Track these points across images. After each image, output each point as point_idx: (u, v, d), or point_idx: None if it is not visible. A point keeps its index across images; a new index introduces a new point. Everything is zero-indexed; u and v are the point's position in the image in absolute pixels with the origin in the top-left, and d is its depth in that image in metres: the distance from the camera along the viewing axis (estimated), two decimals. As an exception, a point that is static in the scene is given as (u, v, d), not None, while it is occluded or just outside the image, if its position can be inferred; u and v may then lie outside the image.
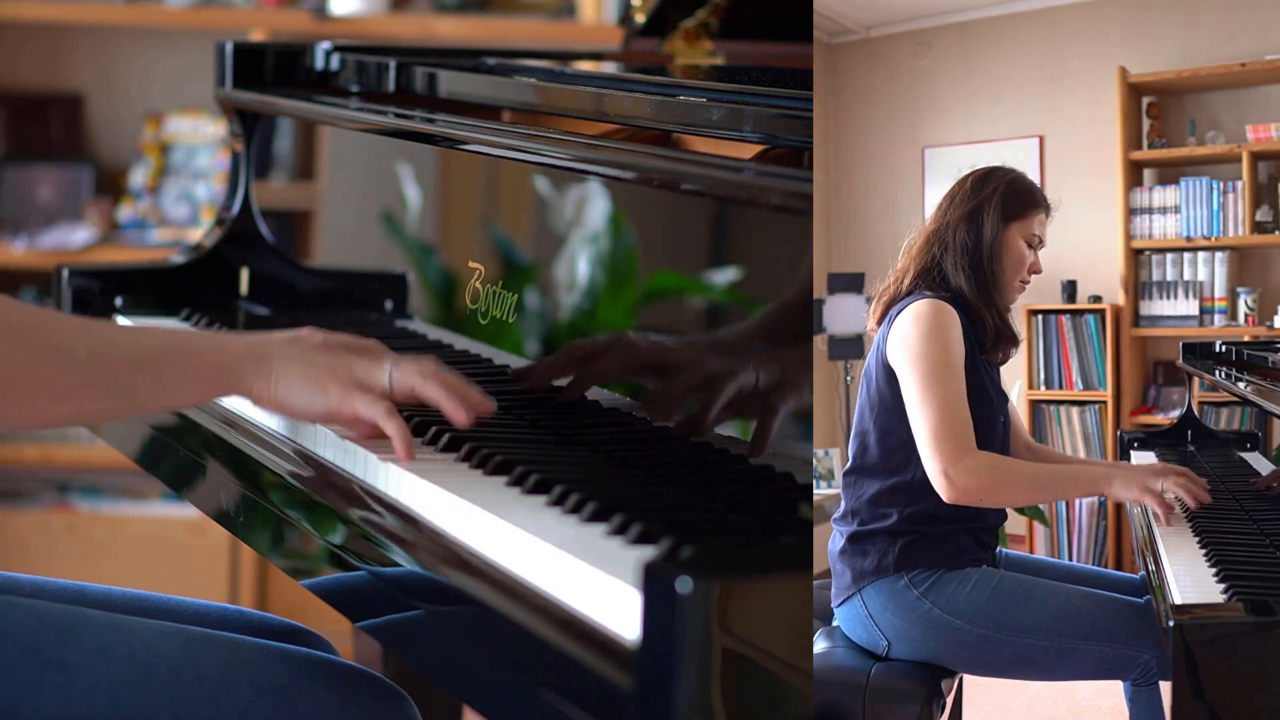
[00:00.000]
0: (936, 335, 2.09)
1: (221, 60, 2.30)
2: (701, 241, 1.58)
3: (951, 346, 2.09)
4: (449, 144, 1.94)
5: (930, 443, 2.03)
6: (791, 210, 1.39)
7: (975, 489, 2.03)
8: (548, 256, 1.76)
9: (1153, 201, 4.05)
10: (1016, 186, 2.26)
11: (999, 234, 2.21)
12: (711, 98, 1.66)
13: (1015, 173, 2.29)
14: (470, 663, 1.30)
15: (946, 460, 2.02)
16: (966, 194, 2.25)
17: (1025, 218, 2.23)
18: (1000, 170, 2.29)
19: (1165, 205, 4.03)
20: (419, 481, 1.44)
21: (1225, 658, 1.64)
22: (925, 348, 2.09)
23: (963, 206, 2.24)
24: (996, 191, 2.23)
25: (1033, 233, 2.24)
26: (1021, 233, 2.22)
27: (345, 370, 1.50)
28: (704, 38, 2.37)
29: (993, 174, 2.27)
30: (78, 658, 1.45)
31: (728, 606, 1.09)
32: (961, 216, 2.22)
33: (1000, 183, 2.25)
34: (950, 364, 2.08)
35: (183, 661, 1.48)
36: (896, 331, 2.13)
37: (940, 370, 2.07)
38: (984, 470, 2.04)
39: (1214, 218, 3.90)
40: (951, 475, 2.01)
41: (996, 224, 2.21)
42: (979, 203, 2.23)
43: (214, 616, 1.71)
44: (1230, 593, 1.80)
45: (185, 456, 1.81)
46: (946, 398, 2.05)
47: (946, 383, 2.07)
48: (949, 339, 2.10)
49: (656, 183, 1.59)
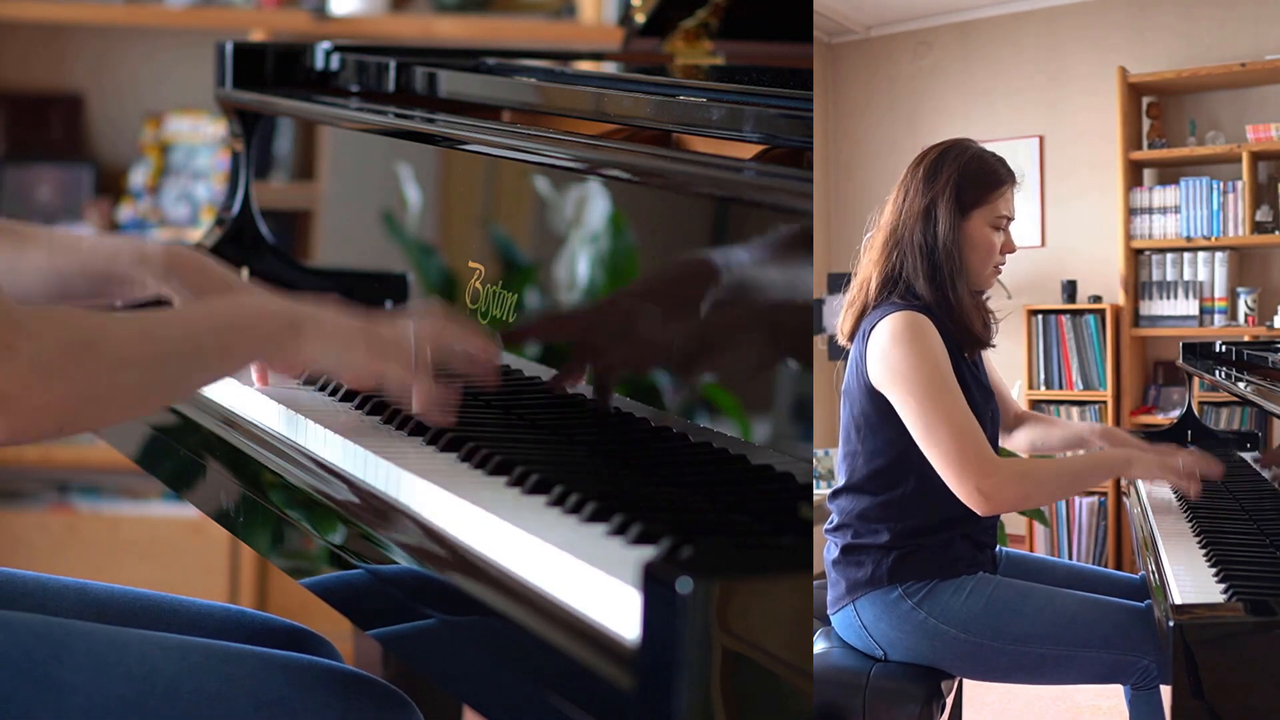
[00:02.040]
0: (921, 352, 2.02)
1: (221, 60, 2.30)
2: (701, 241, 1.58)
3: (939, 360, 2.02)
4: (449, 144, 1.94)
5: (954, 466, 1.98)
6: (791, 210, 1.39)
7: (1012, 500, 2.02)
8: (548, 256, 1.76)
9: (1153, 201, 4.05)
10: (971, 170, 2.11)
11: (957, 230, 2.09)
12: (711, 98, 1.66)
13: (970, 152, 2.14)
14: (469, 662, 1.30)
15: (977, 478, 1.97)
16: (920, 187, 2.11)
17: (986, 203, 2.11)
18: (953, 151, 2.14)
19: (1165, 205, 4.03)
20: (418, 481, 1.44)
21: (1225, 658, 1.64)
22: (914, 367, 2.01)
23: (917, 203, 2.10)
24: (949, 182, 2.09)
25: (999, 214, 2.12)
26: (985, 219, 2.11)
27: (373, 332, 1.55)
28: (704, 38, 2.37)
29: (945, 159, 2.12)
30: (73, 675, 1.43)
31: (728, 606, 1.09)
32: (917, 215, 2.10)
33: (954, 169, 2.10)
34: (944, 379, 2.01)
35: (180, 676, 1.46)
36: (875, 352, 2.05)
37: (936, 389, 2.00)
38: (1016, 481, 2.02)
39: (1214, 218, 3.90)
40: (986, 491, 1.97)
41: (953, 219, 2.08)
42: (932, 198, 2.09)
43: (217, 618, 1.70)
44: (1230, 593, 1.80)
45: (185, 456, 1.81)
46: (953, 415, 1.99)
47: (948, 400, 2.00)
48: (934, 353, 2.02)
49: (656, 183, 1.59)
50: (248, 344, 1.51)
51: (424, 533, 1.39)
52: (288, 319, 1.52)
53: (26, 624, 1.46)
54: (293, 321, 1.51)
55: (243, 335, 1.50)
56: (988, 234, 2.11)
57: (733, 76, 2.07)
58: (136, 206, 3.96)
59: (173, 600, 1.71)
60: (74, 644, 1.46)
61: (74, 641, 1.46)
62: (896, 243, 2.11)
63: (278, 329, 1.51)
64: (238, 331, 1.49)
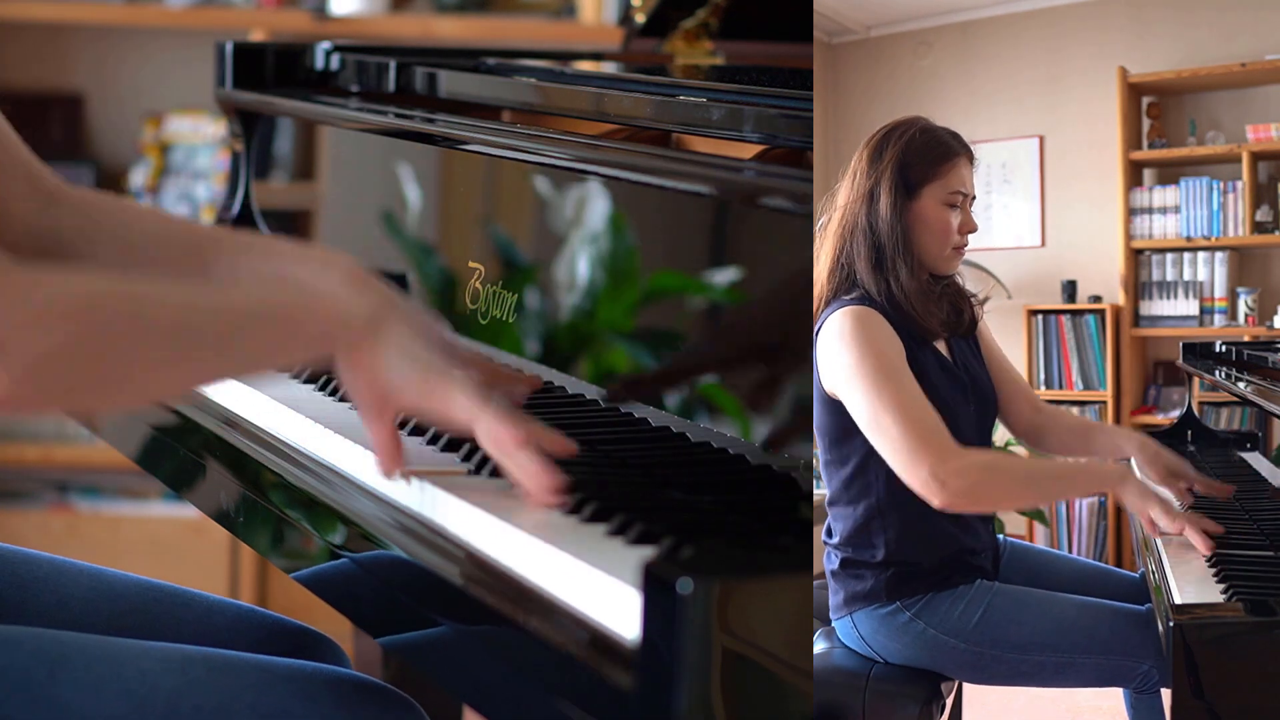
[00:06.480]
0: (864, 345, 1.86)
1: (221, 60, 2.30)
2: (701, 241, 1.58)
3: (884, 351, 1.86)
4: (449, 144, 1.94)
5: (902, 452, 1.82)
6: (791, 210, 1.39)
7: (966, 489, 1.81)
8: (548, 256, 1.76)
9: (1153, 201, 4.05)
10: (916, 145, 1.96)
11: (903, 213, 1.94)
12: (711, 98, 1.66)
13: (916, 127, 1.99)
14: (469, 662, 1.30)
15: (931, 463, 1.80)
16: (864, 168, 1.96)
17: (936, 178, 1.96)
18: (899, 129, 1.98)
19: (1165, 205, 4.03)
20: (419, 481, 1.43)
21: (1225, 658, 1.64)
22: (857, 361, 1.86)
23: (862, 185, 1.95)
24: (891, 162, 1.94)
25: (953, 190, 1.96)
26: (937, 196, 1.96)
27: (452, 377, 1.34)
28: (704, 38, 2.37)
29: (890, 137, 1.98)
30: (71, 693, 1.41)
31: (728, 607, 1.09)
32: (860, 198, 1.94)
33: (898, 148, 1.95)
34: (890, 369, 1.85)
35: (179, 692, 1.44)
36: (821, 353, 1.90)
37: (881, 378, 1.84)
38: (977, 470, 1.84)
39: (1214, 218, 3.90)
40: (941, 477, 1.79)
41: (897, 201, 1.93)
42: (875, 179, 1.94)
43: (227, 615, 1.69)
44: (1230, 593, 1.80)
45: (185, 456, 1.81)
46: (902, 403, 1.83)
47: (893, 388, 1.84)
48: (879, 344, 1.87)
49: (656, 183, 1.59)
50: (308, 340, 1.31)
51: (424, 533, 1.39)
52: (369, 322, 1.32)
53: (23, 640, 1.44)
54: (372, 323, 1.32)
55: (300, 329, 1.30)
56: (942, 212, 1.97)
57: (733, 76, 2.07)
58: (136, 206, 3.96)
59: (185, 593, 1.70)
60: (72, 660, 1.43)
61: (71, 657, 1.43)
62: (841, 230, 1.99)
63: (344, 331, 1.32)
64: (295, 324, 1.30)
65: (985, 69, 4.62)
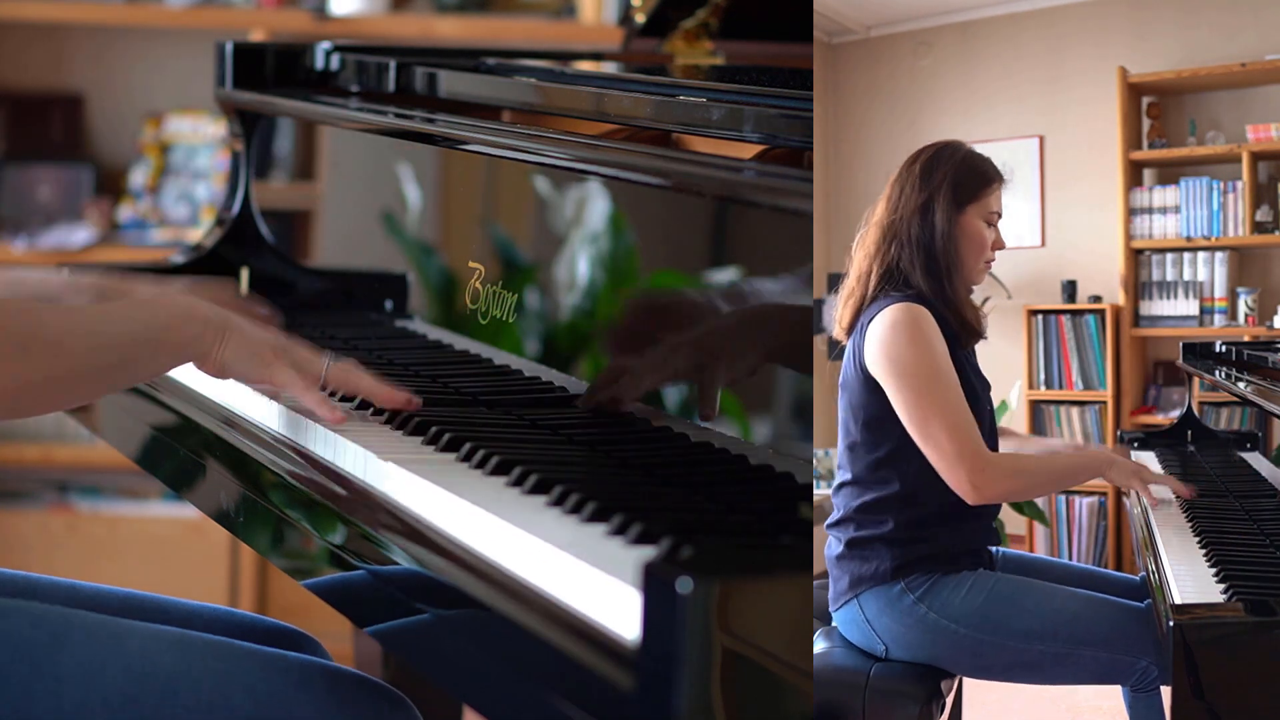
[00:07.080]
0: (920, 343, 2.06)
1: (221, 60, 2.30)
2: (701, 241, 1.58)
3: (936, 351, 2.06)
4: (449, 144, 1.94)
5: (948, 458, 2.03)
6: (791, 210, 1.39)
7: (1003, 494, 2.11)
8: (548, 256, 1.76)
9: (1153, 201, 4.05)
10: (966, 167, 2.19)
11: (953, 224, 2.16)
12: (711, 98, 1.66)
13: (963, 150, 2.22)
14: (470, 663, 1.30)
15: (970, 472, 2.02)
16: (916, 184, 2.18)
17: (980, 198, 2.18)
18: (947, 150, 2.22)
19: (1165, 205, 4.02)
20: (419, 481, 1.44)
21: (1225, 658, 1.64)
22: (912, 358, 2.06)
23: (914, 199, 2.17)
24: (946, 178, 2.17)
25: (990, 210, 2.20)
26: (979, 214, 2.18)
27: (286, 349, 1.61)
28: (704, 38, 2.37)
29: (940, 157, 2.20)
30: (70, 668, 1.44)
31: (728, 606, 1.09)
32: (914, 210, 2.16)
33: (949, 167, 2.18)
34: (941, 370, 2.06)
35: (177, 672, 1.46)
36: (873, 341, 2.08)
37: (933, 380, 2.05)
38: (1008, 477, 2.09)
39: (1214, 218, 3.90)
40: (979, 485, 2.02)
41: (950, 213, 2.15)
42: (929, 194, 2.16)
43: (205, 618, 1.70)
44: (1230, 593, 1.80)
45: (185, 456, 1.81)
46: (950, 408, 2.04)
47: (943, 392, 2.05)
48: (932, 344, 2.07)
49: (656, 183, 1.59)
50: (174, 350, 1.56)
51: (424, 533, 1.39)
52: (214, 327, 1.57)
53: (26, 612, 1.47)
54: (218, 329, 1.57)
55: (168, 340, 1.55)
56: (981, 229, 2.19)
57: (733, 76, 2.07)
58: (136, 206, 3.96)
59: (162, 601, 1.71)
60: (72, 635, 1.46)
61: (72, 633, 1.46)
62: (894, 237, 2.16)
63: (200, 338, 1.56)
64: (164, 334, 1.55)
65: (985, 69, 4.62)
